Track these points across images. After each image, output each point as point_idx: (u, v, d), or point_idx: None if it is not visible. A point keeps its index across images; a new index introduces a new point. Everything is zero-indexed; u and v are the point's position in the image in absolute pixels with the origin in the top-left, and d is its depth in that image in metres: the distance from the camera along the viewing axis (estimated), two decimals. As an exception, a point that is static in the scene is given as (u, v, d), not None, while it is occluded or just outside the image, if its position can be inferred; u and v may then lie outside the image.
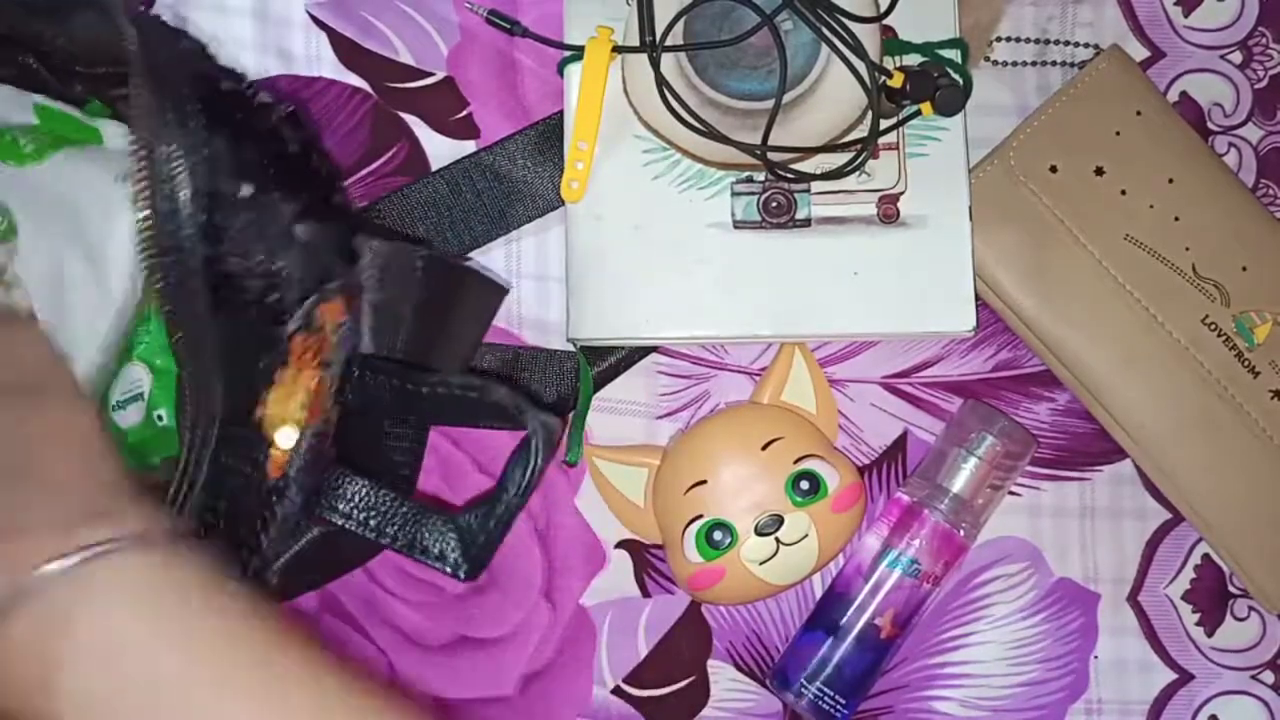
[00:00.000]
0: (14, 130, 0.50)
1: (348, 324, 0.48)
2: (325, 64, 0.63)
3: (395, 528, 0.49)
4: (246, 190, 0.45)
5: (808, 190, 0.59)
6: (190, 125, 0.44)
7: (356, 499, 0.49)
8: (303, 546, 0.52)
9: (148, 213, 0.43)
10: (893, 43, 0.59)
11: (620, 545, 0.62)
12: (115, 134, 0.51)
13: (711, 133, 0.56)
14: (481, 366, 0.61)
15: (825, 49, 0.56)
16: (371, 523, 0.49)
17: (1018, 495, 0.62)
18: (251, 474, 0.47)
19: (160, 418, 0.51)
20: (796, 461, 0.58)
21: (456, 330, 0.57)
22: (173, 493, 0.46)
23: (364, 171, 0.62)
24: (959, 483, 0.59)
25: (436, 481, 0.61)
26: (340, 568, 0.59)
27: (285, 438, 0.47)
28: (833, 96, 0.57)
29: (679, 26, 0.57)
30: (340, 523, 0.50)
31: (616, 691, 0.61)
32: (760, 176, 0.59)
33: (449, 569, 0.49)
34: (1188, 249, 0.60)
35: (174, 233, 0.43)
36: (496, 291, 0.60)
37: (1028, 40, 0.64)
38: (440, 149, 0.63)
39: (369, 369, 0.50)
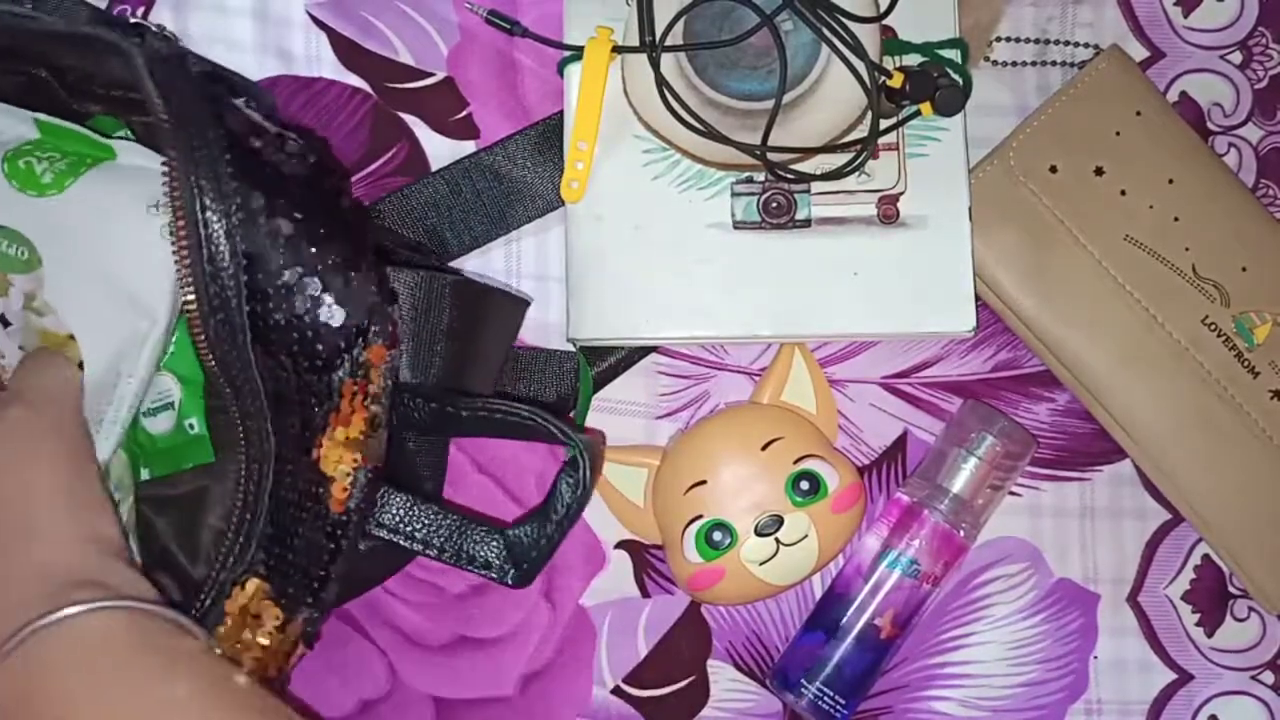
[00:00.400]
0: (29, 155, 0.50)
1: (390, 362, 0.49)
2: (325, 64, 0.63)
3: (441, 539, 0.52)
4: (283, 249, 0.46)
5: (808, 190, 0.59)
6: (225, 188, 0.45)
7: (400, 513, 0.52)
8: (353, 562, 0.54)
9: (190, 276, 0.45)
10: (893, 43, 0.59)
11: (620, 545, 0.62)
12: (129, 150, 0.51)
13: (711, 133, 0.56)
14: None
15: (825, 49, 0.56)
16: (417, 535, 0.52)
17: (1018, 495, 0.62)
18: (315, 509, 0.49)
19: (191, 426, 0.51)
20: (796, 462, 0.58)
21: (485, 348, 0.58)
22: (234, 528, 0.47)
23: (364, 172, 0.62)
24: (959, 483, 0.59)
25: (436, 481, 0.61)
26: (377, 579, 0.60)
27: (344, 476, 0.49)
28: (833, 96, 0.57)
29: (679, 26, 0.57)
30: (387, 537, 0.52)
31: (616, 691, 0.61)
32: (760, 177, 0.59)
33: (495, 575, 0.52)
34: (1188, 249, 0.60)
35: (219, 293, 0.45)
36: (520, 306, 0.60)
37: (1028, 40, 0.64)
38: (440, 149, 0.63)
39: (408, 393, 0.52)
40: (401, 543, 0.52)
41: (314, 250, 0.47)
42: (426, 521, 0.52)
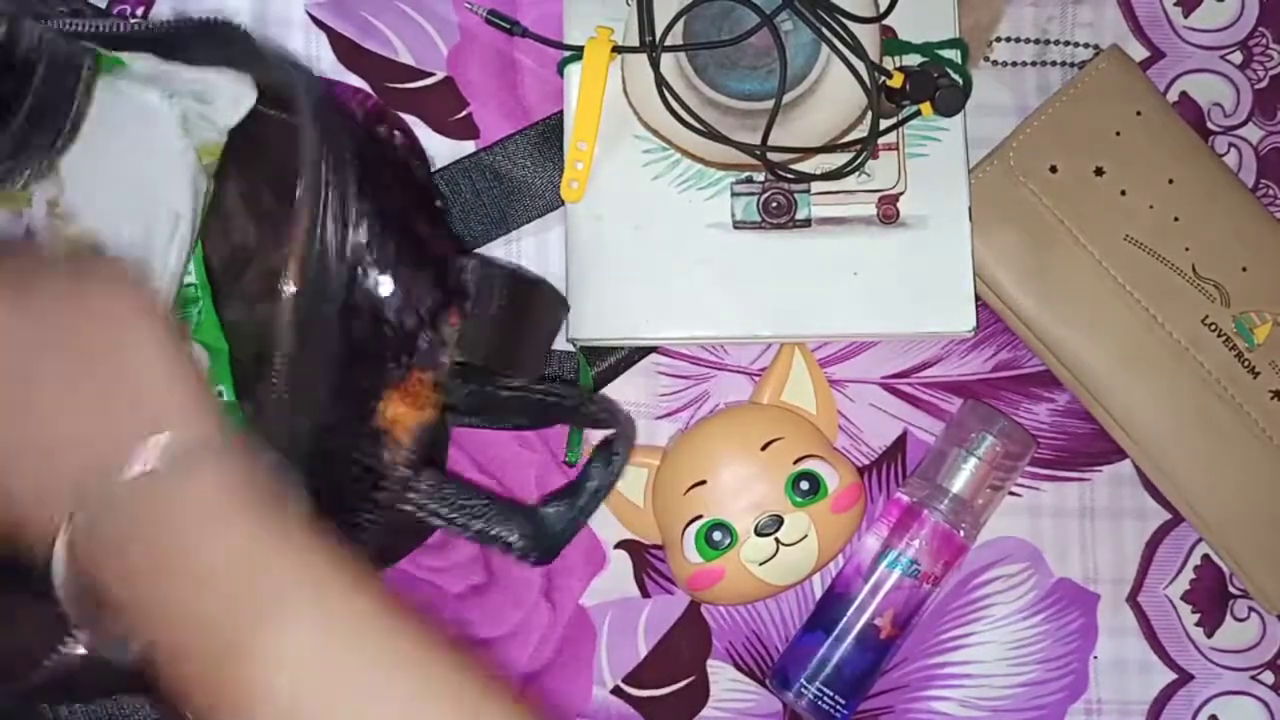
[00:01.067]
0: None
1: (454, 332, 0.50)
2: (325, 64, 0.63)
3: (466, 516, 0.52)
4: (379, 245, 0.48)
5: (808, 190, 0.59)
6: (348, 192, 0.46)
7: (428, 489, 0.52)
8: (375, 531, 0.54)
9: (302, 264, 0.46)
10: (893, 43, 0.59)
11: (620, 545, 0.62)
12: (140, 59, 0.51)
13: (711, 133, 0.56)
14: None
15: (825, 49, 0.56)
16: (442, 512, 0.52)
17: (1018, 495, 0.62)
18: (373, 465, 0.49)
19: (220, 394, 0.52)
20: (796, 462, 0.58)
21: (529, 339, 0.58)
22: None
23: (364, 171, 0.63)
24: (959, 483, 0.59)
25: (436, 481, 0.61)
26: (395, 557, 0.60)
27: (405, 433, 0.49)
28: (833, 96, 0.57)
29: (679, 26, 0.57)
30: (414, 511, 0.52)
31: (616, 691, 0.61)
32: (760, 177, 0.59)
33: (516, 554, 0.52)
34: (1188, 249, 0.60)
35: (323, 289, 0.46)
36: (563, 304, 0.60)
37: (1028, 40, 0.64)
38: (440, 149, 0.63)
39: (455, 374, 0.52)
40: (427, 519, 0.52)
41: (410, 255, 0.48)
42: (451, 499, 0.52)
